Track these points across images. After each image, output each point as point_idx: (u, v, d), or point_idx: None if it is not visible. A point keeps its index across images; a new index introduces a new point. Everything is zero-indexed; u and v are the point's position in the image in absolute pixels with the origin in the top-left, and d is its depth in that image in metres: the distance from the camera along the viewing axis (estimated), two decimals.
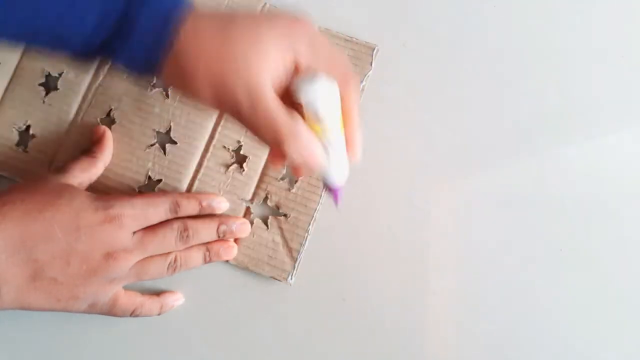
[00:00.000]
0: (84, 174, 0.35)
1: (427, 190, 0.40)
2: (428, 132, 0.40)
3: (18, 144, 0.37)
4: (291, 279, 0.37)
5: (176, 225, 0.35)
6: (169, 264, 0.35)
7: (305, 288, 0.37)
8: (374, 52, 0.40)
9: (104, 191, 0.37)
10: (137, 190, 0.37)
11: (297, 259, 0.37)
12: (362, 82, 0.39)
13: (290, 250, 0.37)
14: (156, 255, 0.34)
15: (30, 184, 0.34)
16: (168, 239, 0.34)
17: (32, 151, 0.37)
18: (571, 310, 0.38)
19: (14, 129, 0.37)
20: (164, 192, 0.37)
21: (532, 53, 0.42)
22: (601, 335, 0.38)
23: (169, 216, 0.35)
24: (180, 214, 0.35)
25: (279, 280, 0.37)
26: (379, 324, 0.38)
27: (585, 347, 0.38)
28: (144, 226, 0.34)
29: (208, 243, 0.36)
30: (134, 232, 0.34)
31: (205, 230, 0.36)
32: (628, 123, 0.41)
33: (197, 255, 0.36)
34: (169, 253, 0.35)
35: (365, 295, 0.38)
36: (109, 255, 0.32)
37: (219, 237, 0.36)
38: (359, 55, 0.40)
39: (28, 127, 0.38)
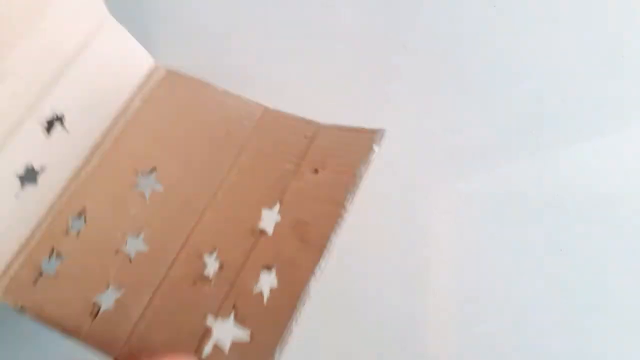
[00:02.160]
0: None
1: (427, 191, 0.39)
2: (428, 132, 0.40)
3: None
4: None
5: None
6: None
7: None
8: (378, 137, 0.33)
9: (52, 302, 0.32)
10: (93, 301, 0.32)
11: None
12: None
13: None
14: None
15: None
16: None
17: None
18: (571, 310, 0.37)
19: None
20: None
21: (532, 53, 0.42)
22: (601, 335, 0.37)
23: None
24: None
25: None
26: (378, 324, 0.36)
27: (586, 347, 0.37)
28: None
29: None
30: None
31: None
32: (628, 123, 0.41)
33: None
34: None
35: (363, 295, 0.37)
36: None
37: None
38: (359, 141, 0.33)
39: None
